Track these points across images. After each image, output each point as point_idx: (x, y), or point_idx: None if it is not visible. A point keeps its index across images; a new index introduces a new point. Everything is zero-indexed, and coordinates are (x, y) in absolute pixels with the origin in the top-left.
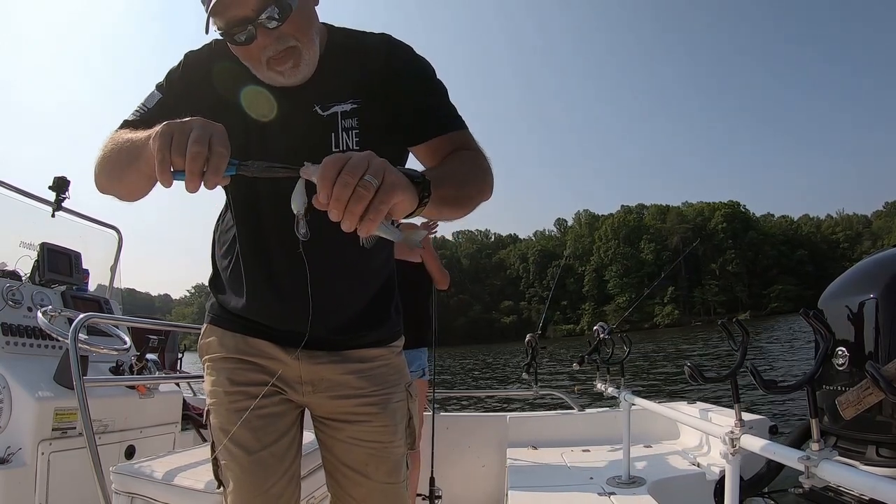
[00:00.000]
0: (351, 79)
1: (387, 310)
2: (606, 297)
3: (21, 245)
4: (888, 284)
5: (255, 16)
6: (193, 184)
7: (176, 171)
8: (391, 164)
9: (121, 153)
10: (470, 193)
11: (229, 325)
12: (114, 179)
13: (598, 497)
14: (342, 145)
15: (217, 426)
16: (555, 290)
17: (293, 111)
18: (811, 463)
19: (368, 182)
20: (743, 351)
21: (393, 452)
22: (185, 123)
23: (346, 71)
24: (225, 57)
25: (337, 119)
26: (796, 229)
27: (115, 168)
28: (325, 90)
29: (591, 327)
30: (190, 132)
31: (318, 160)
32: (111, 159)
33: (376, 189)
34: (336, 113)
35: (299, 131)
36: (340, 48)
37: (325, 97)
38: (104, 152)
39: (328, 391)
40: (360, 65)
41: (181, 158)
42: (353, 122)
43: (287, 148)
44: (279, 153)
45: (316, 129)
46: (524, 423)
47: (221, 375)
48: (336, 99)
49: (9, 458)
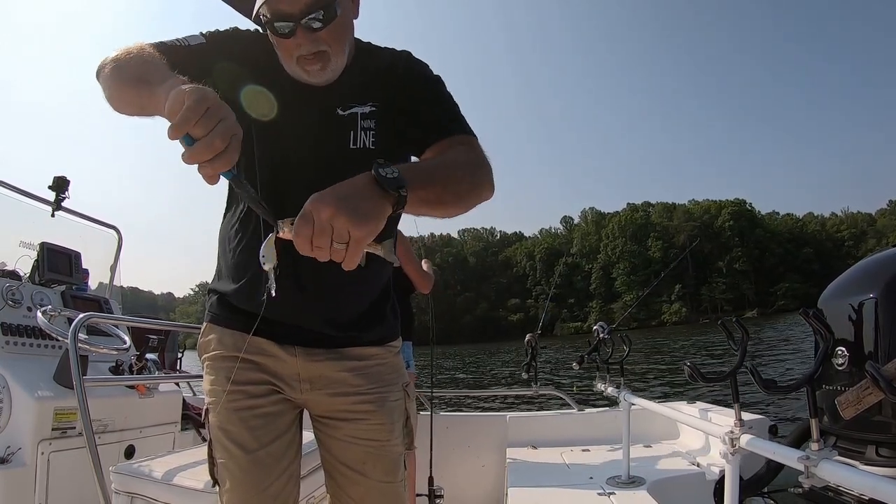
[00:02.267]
0: (371, 86)
1: (384, 309)
2: (614, 294)
3: (21, 245)
4: (888, 284)
5: (301, 15)
6: (193, 160)
7: (186, 136)
8: (357, 190)
9: (139, 66)
10: (458, 191)
11: (228, 323)
12: (116, 80)
13: (598, 497)
14: (359, 143)
15: (216, 425)
16: (562, 287)
17: (315, 108)
18: (811, 463)
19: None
20: (742, 350)
21: (390, 451)
22: (222, 106)
23: (368, 79)
24: (263, 47)
25: (357, 119)
26: (801, 227)
27: (125, 73)
28: (347, 92)
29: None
30: (221, 119)
31: (337, 156)
32: (129, 63)
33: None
34: (356, 113)
35: (320, 129)
36: (365, 59)
37: (347, 99)
38: (125, 52)
39: (326, 388)
40: (381, 74)
41: (201, 131)
42: (371, 123)
43: (306, 143)
44: (299, 148)
45: (336, 127)
46: (524, 422)
47: (220, 374)
48: (357, 101)
49: (8, 458)
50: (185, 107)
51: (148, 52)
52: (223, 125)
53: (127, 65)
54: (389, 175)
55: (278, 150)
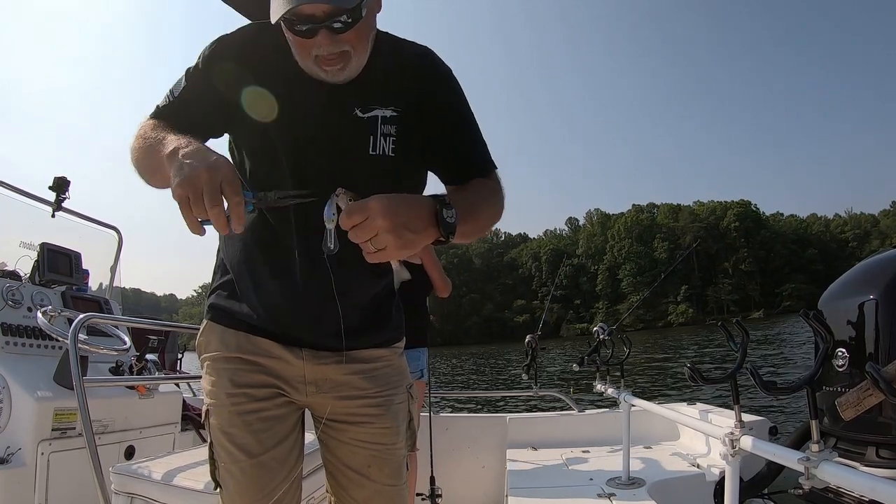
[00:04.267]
0: (392, 86)
1: (389, 309)
2: (620, 296)
3: (21, 245)
4: (888, 285)
5: (325, 18)
6: (224, 230)
7: (203, 220)
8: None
9: (148, 156)
10: (483, 227)
11: (231, 323)
12: (146, 175)
13: (598, 498)
14: (378, 149)
15: (217, 428)
16: (568, 289)
17: (332, 109)
18: (811, 464)
19: (369, 246)
20: (743, 352)
21: (395, 454)
22: (196, 178)
23: (389, 77)
24: (263, 45)
25: (377, 123)
26: (805, 228)
27: (144, 168)
28: (366, 92)
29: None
30: (202, 190)
31: (355, 161)
32: (141, 159)
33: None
34: (377, 117)
35: (337, 131)
36: (385, 53)
37: (367, 99)
38: (136, 146)
39: (331, 391)
40: (402, 74)
41: (203, 212)
42: (391, 129)
43: (322, 145)
44: (314, 149)
45: (355, 129)
46: (524, 423)
47: (223, 376)
48: (377, 102)
49: (8, 459)
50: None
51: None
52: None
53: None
54: (449, 219)
55: (295, 152)
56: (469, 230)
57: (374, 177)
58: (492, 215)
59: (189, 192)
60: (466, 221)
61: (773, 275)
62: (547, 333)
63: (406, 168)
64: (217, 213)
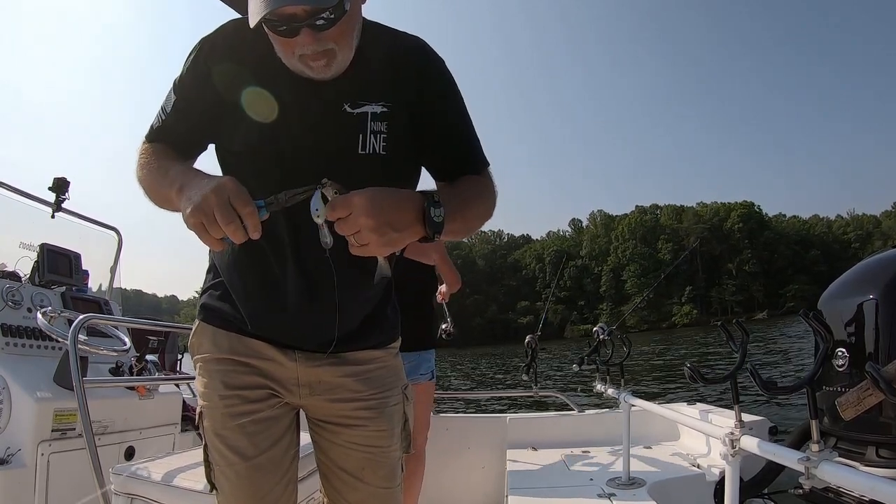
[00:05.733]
0: (382, 80)
1: (385, 310)
2: (624, 297)
3: (21, 246)
4: (888, 284)
5: (306, 17)
6: (241, 241)
7: (223, 237)
8: (400, 218)
9: (154, 186)
10: (472, 226)
11: (223, 324)
12: (158, 205)
13: (598, 498)
14: (368, 148)
15: (211, 430)
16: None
17: (321, 106)
18: (811, 464)
19: (352, 240)
20: (743, 352)
21: (389, 457)
22: (205, 203)
23: (379, 70)
24: (248, 42)
25: (367, 119)
26: (808, 229)
27: (155, 199)
28: (356, 87)
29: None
30: (213, 211)
31: (345, 160)
32: (150, 191)
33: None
34: (366, 113)
35: (326, 128)
36: (375, 45)
37: (356, 94)
38: (141, 177)
39: (325, 394)
40: (393, 67)
41: (219, 231)
42: (382, 125)
43: (312, 144)
44: (303, 148)
45: (344, 127)
46: (524, 424)
47: (215, 378)
48: (367, 98)
49: (8, 459)
50: (196, 232)
51: (154, 169)
52: (218, 213)
53: (150, 193)
54: (437, 218)
55: (283, 150)
56: (458, 228)
57: (364, 176)
58: (482, 213)
59: (202, 219)
60: (455, 220)
61: (776, 276)
62: (551, 334)
63: (398, 166)
64: (233, 229)
